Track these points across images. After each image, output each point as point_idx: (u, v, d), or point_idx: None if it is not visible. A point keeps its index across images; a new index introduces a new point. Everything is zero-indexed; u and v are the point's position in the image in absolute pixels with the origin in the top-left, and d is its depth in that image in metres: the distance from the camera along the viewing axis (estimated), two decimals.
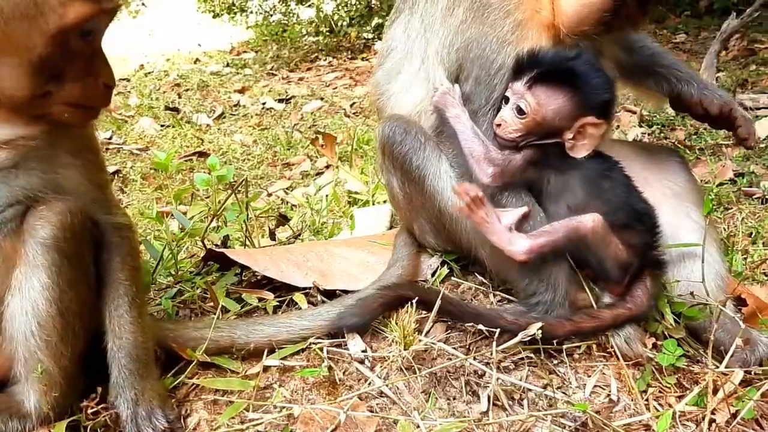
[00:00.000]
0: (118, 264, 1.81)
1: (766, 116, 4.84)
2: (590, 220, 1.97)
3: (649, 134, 4.82)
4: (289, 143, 5.62)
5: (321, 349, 1.98)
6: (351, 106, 6.77)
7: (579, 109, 1.98)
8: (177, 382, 1.91)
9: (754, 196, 3.67)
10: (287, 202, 4.24)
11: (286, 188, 4.69)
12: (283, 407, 1.77)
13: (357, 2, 9.96)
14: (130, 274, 1.82)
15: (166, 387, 1.88)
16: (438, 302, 1.95)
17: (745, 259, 2.90)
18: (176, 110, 6.98)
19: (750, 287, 2.63)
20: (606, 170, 2.06)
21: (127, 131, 6.39)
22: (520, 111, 2.00)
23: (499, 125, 2.05)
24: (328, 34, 9.70)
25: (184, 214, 2.76)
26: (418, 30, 2.32)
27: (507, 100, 2.04)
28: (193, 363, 1.90)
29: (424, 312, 2.04)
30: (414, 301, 1.99)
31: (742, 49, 6.69)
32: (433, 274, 2.36)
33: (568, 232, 1.98)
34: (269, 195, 4.57)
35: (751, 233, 3.23)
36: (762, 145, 4.48)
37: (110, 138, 6.12)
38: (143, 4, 13.76)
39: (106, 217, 1.82)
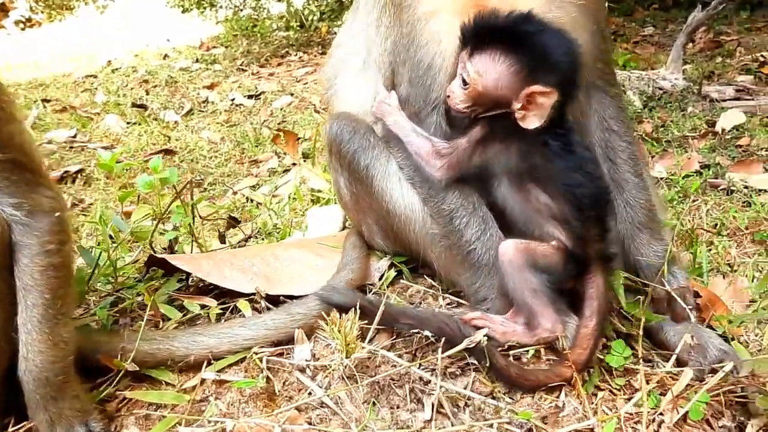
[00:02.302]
0: (27, 267, 1.63)
1: (732, 108, 4.85)
2: (505, 248, 1.92)
3: None
4: (258, 140, 5.55)
5: (261, 360, 1.92)
6: (321, 101, 6.68)
7: (522, 78, 1.83)
8: (106, 394, 1.85)
9: (719, 188, 3.66)
10: (252, 200, 4.18)
11: (253, 186, 4.62)
12: (217, 422, 1.70)
13: None
14: (42, 277, 1.63)
15: (91, 399, 1.79)
16: (379, 314, 1.89)
17: (710, 250, 2.89)
18: (143, 107, 6.87)
19: (713, 278, 2.63)
20: (548, 142, 1.90)
21: (92, 129, 6.27)
22: (464, 81, 1.90)
23: (449, 96, 1.96)
24: (298, 29, 9.59)
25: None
26: (357, 34, 2.30)
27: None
28: (121, 374, 1.83)
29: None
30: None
31: (708, 42, 6.71)
32: (380, 278, 2.31)
33: (518, 264, 1.91)
34: (235, 193, 4.50)
35: (716, 224, 3.23)
36: (727, 137, 4.49)
37: (74, 136, 6.01)
38: None
39: (7, 210, 1.62)
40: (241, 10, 9.95)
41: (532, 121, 1.86)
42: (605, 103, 2.20)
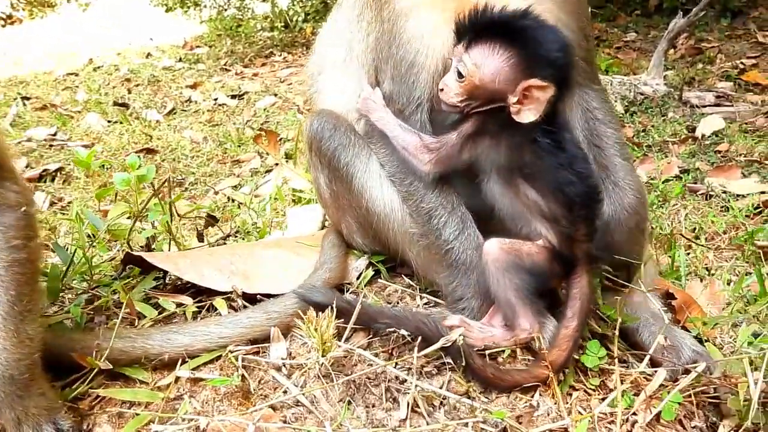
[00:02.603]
0: None
1: (712, 114, 4.92)
2: (489, 247, 1.91)
3: None
4: (240, 140, 5.53)
5: (236, 358, 1.90)
6: (304, 102, 6.67)
7: (520, 71, 1.81)
8: (79, 392, 1.82)
9: (698, 192, 3.70)
10: (233, 200, 4.16)
11: (234, 186, 4.60)
12: (191, 419, 1.69)
13: None
14: (7, 273, 1.58)
15: (59, 397, 1.76)
16: (356, 313, 1.89)
17: (688, 254, 2.92)
18: (125, 106, 6.82)
19: (690, 282, 2.65)
20: (539, 139, 1.87)
21: (73, 127, 6.21)
22: (459, 74, 1.87)
23: (442, 90, 1.93)
24: (283, 29, 9.58)
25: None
26: (341, 30, 2.28)
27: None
28: (95, 371, 1.81)
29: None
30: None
31: (690, 48, 6.77)
32: (358, 277, 2.30)
33: (502, 263, 1.90)
34: (216, 193, 4.49)
35: (695, 229, 3.26)
36: (707, 143, 4.54)
37: (54, 134, 5.96)
38: None
39: None
40: (226, 10, 9.92)
41: (526, 116, 1.84)
42: (588, 97, 2.17)
